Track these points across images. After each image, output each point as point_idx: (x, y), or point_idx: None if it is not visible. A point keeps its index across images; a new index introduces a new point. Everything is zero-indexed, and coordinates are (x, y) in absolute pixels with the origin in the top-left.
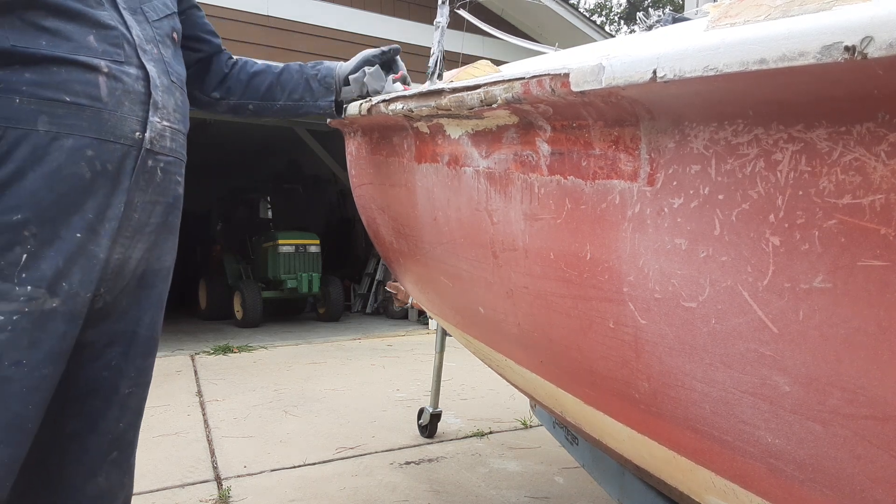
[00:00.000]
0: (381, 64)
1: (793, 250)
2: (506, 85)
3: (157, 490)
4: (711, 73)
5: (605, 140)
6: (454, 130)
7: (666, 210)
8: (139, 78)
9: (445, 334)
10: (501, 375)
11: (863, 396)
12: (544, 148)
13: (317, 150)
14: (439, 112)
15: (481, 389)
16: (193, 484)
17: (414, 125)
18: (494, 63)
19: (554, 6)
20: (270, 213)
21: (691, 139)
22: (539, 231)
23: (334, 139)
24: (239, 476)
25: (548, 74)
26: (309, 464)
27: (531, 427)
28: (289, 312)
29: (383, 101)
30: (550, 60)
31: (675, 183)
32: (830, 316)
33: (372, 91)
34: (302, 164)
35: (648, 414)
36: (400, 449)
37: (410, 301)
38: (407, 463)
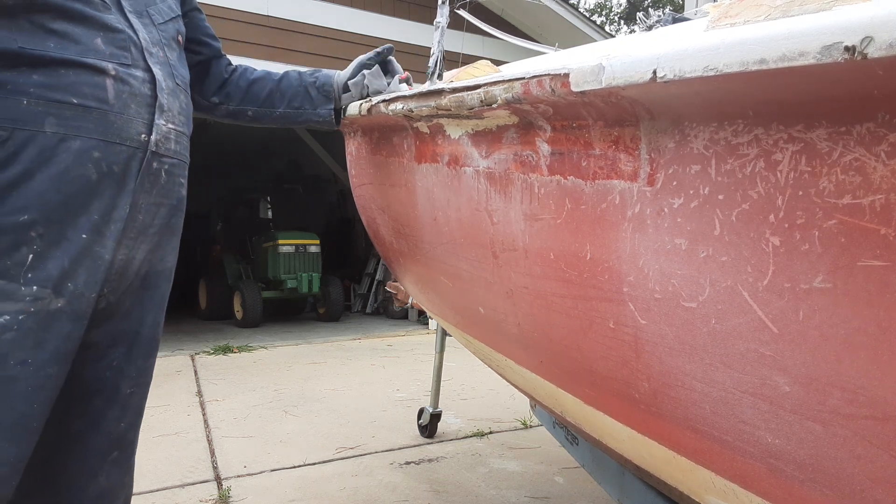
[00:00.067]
0: (378, 65)
1: (793, 250)
2: (506, 85)
3: (157, 490)
4: (711, 74)
5: (605, 140)
6: (454, 130)
7: (666, 210)
8: (145, 81)
9: (445, 334)
10: (501, 375)
11: (863, 396)
12: (544, 148)
13: (317, 150)
14: (439, 112)
15: (481, 389)
16: (193, 484)
17: (414, 125)
18: (494, 63)
19: (554, 6)
20: (270, 213)
21: (691, 139)
22: (539, 231)
23: (334, 139)
24: (239, 476)
25: (548, 74)
26: (309, 464)
27: (531, 427)
28: (289, 312)
29: (383, 101)
30: (550, 60)
31: (675, 183)
32: (830, 316)
33: (374, 92)
34: (302, 164)
35: (648, 414)
36: (400, 449)
37: (410, 301)
38: (407, 463)
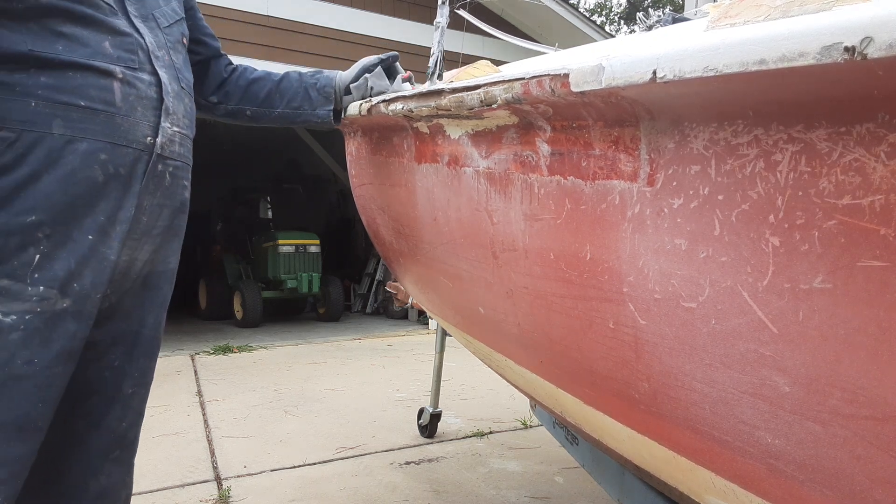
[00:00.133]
0: (381, 69)
1: (793, 251)
2: (506, 85)
3: (157, 490)
4: (711, 74)
5: (605, 140)
6: (454, 131)
7: (666, 210)
8: (152, 84)
9: (445, 334)
10: (501, 375)
11: (862, 397)
12: (544, 148)
13: (317, 150)
14: (439, 112)
15: (481, 389)
16: (193, 484)
17: (414, 125)
18: (494, 63)
19: (554, 6)
20: (270, 213)
21: (691, 139)
22: (539, 231)
23: (335, 139)
24: (239, 476)
25: (548, 75)
26: (309, 464)
27: (531, 427)
28: (289, 312)
29: (383, 102)
30: (550, 60)
31: (675, 183)
32: (830, 316)
33: (377, 92)
34: (302, 164)
35: (648, 414)
36: (400, 449)
37: (410, 301)
38: (407, 463)
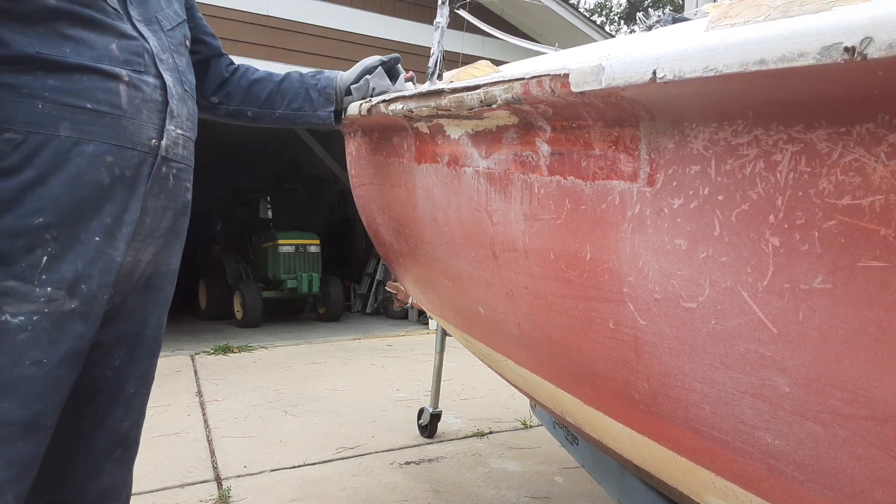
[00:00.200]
0: (383, 69)
1: (792, 251)
2: (506, 85)
3: (157, 490)
4: (711, 74)
5: (605, 140)
6: (454, 131)
7: (666, 210)
8: (157, 87)
9: (445, 334)
10: (501, 375)
11: (862, 397)
12: (544, 148)
13: (317, 151)
14: (439, 112)
15: (481, 389)
16: (193, 484)
17: (414, 125)
18: (494, 63)
19: (554, 6)
20: (270, 213)
21: (691, 140)
22: (539, 231)
23: (335, 139)
24: (239, 476)
25: (547, 75)
26: (309, 464)
27: (531, 427)
28: (289, 312)
29: (383, 102)
30: (550, 61)
31: (675, 183)
32: (830, 316)
33: (379, 92)
34: (302, 164)
35: (648, 414)
36: (400, 449)
37: (410, 301)
38: (407, 463)
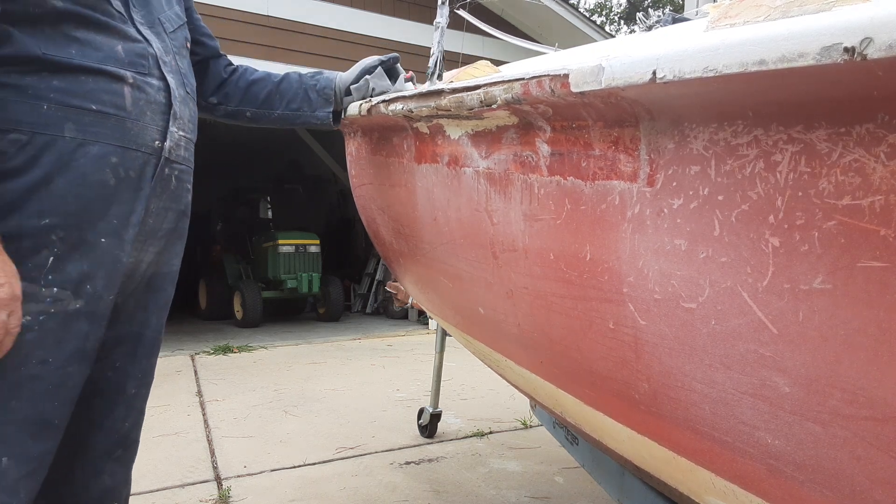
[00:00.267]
0: (382, 69)
1: (792, 251)
2: (505, 85)
3: (157, 490)
4: (711, 74)
5: (605, 141)
6: (454, 131)
7: (665, 211)
8: (160, 89)
9: (445, 334)
10: (501, 376)
11: (862, 397)
12: (544, 148)
13: (317, 151)
14: (439, 112)
15: (481, 389)
16: (193, 484)
17: (414, 125)
18: (494, 63)
19: (554, 6)
20: (270, 213)
21: (691, 140)
22: (539, 231)
23: (335, 139)
24: (239, 476)
25: (547, 75)
26: (309, 464)
27: (531, 427)
28: (289, 312)
29: (383, 102)
30: (550, 61)
31: (675, 184)
32: (830, 317)
33: (379, 92)
34: (302, 165)
35: (648, 414)
36: (400, 449)
37: (410, 301)
38: (407, 463)
